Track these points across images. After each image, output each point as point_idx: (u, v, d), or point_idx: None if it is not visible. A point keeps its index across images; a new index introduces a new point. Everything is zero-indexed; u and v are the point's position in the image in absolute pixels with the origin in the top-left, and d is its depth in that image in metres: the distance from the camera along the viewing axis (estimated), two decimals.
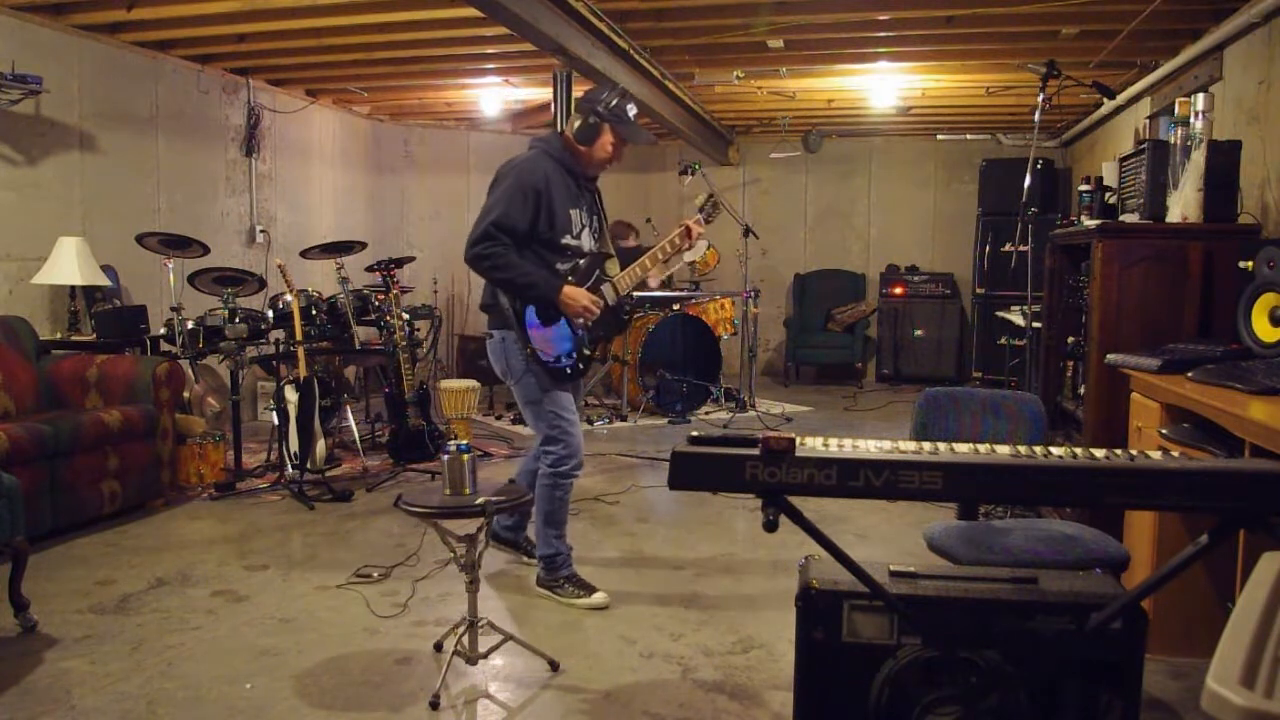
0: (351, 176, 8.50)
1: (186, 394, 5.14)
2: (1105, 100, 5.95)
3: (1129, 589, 1.92)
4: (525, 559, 3.82)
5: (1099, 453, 1.73)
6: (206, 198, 6.64)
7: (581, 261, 3.43)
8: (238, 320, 5.05)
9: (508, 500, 2.85)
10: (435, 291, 8.29)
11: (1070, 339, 4.18)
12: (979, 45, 5.86)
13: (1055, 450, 1.78)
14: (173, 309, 5.06)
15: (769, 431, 1.75)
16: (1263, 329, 2.97)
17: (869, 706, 1.90)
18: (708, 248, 8.17)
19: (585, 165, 3.43)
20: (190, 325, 5.01)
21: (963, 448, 1.80)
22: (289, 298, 5.11)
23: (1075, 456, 1.72)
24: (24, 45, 5.09)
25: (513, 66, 6.62)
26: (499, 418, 7.09)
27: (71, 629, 3.18)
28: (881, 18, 5.29)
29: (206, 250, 5.36)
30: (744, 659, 3.00)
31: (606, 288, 3.46)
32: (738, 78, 6.56)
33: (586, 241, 3.46)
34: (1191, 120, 3.58)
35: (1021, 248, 4.86)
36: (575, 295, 3.31)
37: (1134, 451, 1.75)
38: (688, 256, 8.31)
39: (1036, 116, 4.38)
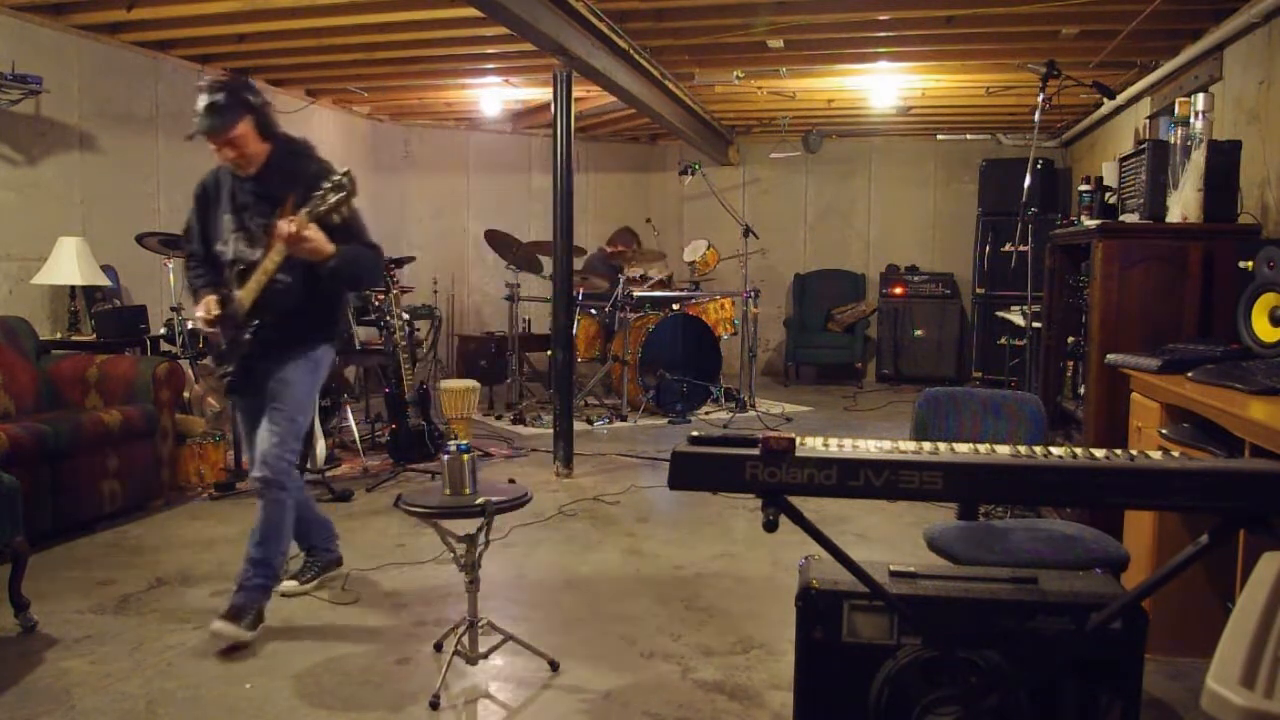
0: None
1: (186, 394, 5.14)
2: (1105, 100, 5.95)
3: (1129, 589, 1.92)
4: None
5: (1099, 453, 1.73)
6: None
7: (235, 270, 3.16)
8: None
9: (508, 500, 2.85)
10: (435, 291, 8.29)
11: (1070, 339, 4.18)
12: (979, 45, 5.86)
13: (1055, 450, 1.78)
14: (173, 309, 5.06)
15: (769, 431, 1.75)
16: (1263, 329, 2.97)
17: (869, 706, 1.90)
18: (708, 248, 8.18)
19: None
20: (190, 325, 5.01)
21: (963, 448, 1.80)
22: None
23: (1075, 456, 1.73)
24: (24, 45, 5.09)
25: (513, 66, 6.62)
26: (499, 418, 7.09)
27: (71, 629, 3.17)
28: (881, 18, 5.29)
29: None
30: (744, 659, 3.00)
31: (233, 301, 3.15)
32: (738, 78, 6.56)
33: (235, 248, 3.14)
34: (1191, 120, 3.58)
35: (1021, 248, 4.86)
36: (198, 308, 3.18)
37: (1134, 451, 1.75)
38: (686, 256, 8.34)
39: (1036, 116, 4.38)
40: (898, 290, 9.13)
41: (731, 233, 8.32)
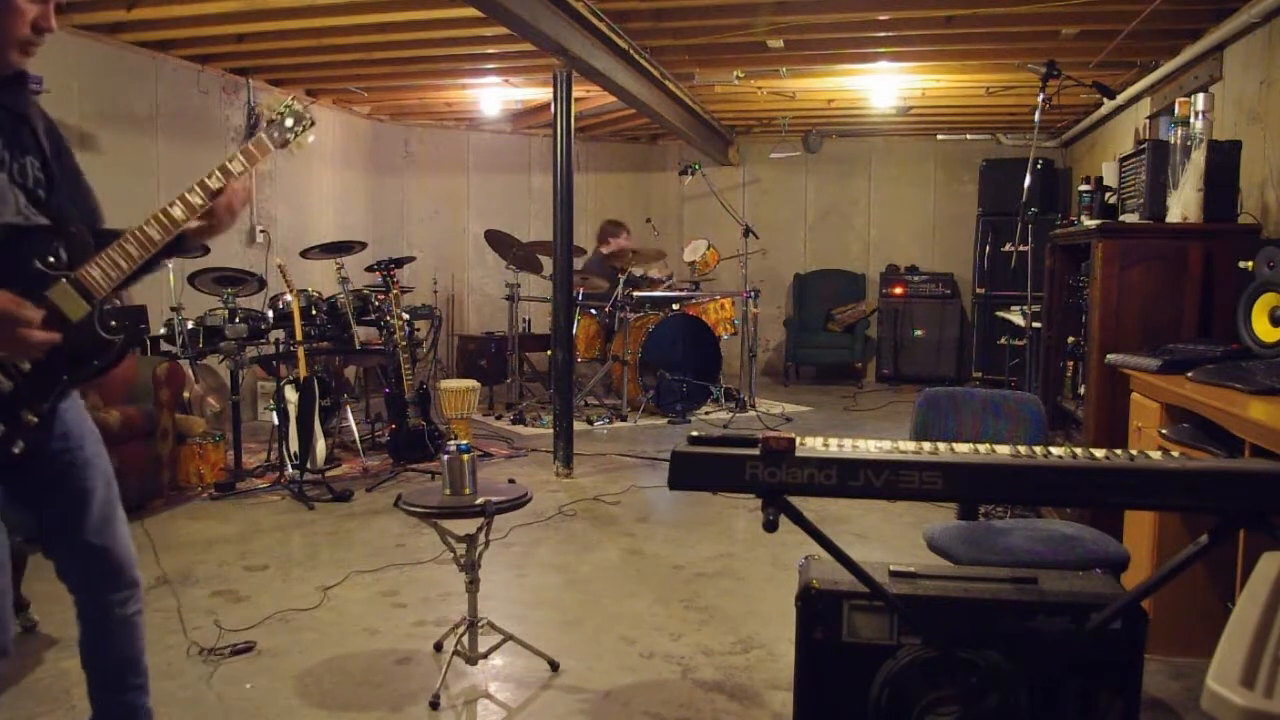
0: (351, 176, 8.50)
1: (186, 394, 5.14)
2: (1105, 100, 5.95)
3: (1129, 589, 1.92)
4: None
5: (1099, 453, 1.73)
6: None
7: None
8: (238, 320, 5.05)
9: (508, 500, 2.85)
10: (435, 291, 8.29)
11: (1070, 339, 4.18)
12: (979, 45, 5.86)
13: (1055, 450, 1.78)
14: (173, 309, 5.06)
15: (769, 431, 1.75)
16: (1263, 329, 2.97)
17: (869, 706, 1.90)
18: (708, 248, 8.18)
19: None
20: (190, 325, 5.01)
21: (963, 448, 1.80)
22: (289, 298, 5.11)
23: (1075, 456, 1.73)
24: None
25: (513, 66, 6.61)
26: (499, 418, 7.09)
27: (71, 629, 3.12)
28: (881, 18, 5.28)
29: (206, 250, 5.35)
30: (744, 659, 3.01)
31: (63, 290, 1.85)
32: (738, 78, 6.56)
33: (5, 201, 1.83)
34: (1191, 120, 3.58)
35: (1021, 248, 4.86)
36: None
37: (1134, 451, 1.75)
38: (687, 256, 8.33)
39: (1036, 116, 4.38)
40: (898, 290, 9.13)
41: (731, 233, 8.32)
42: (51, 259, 1.85)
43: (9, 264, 1.79)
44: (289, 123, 2.20)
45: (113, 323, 1.97)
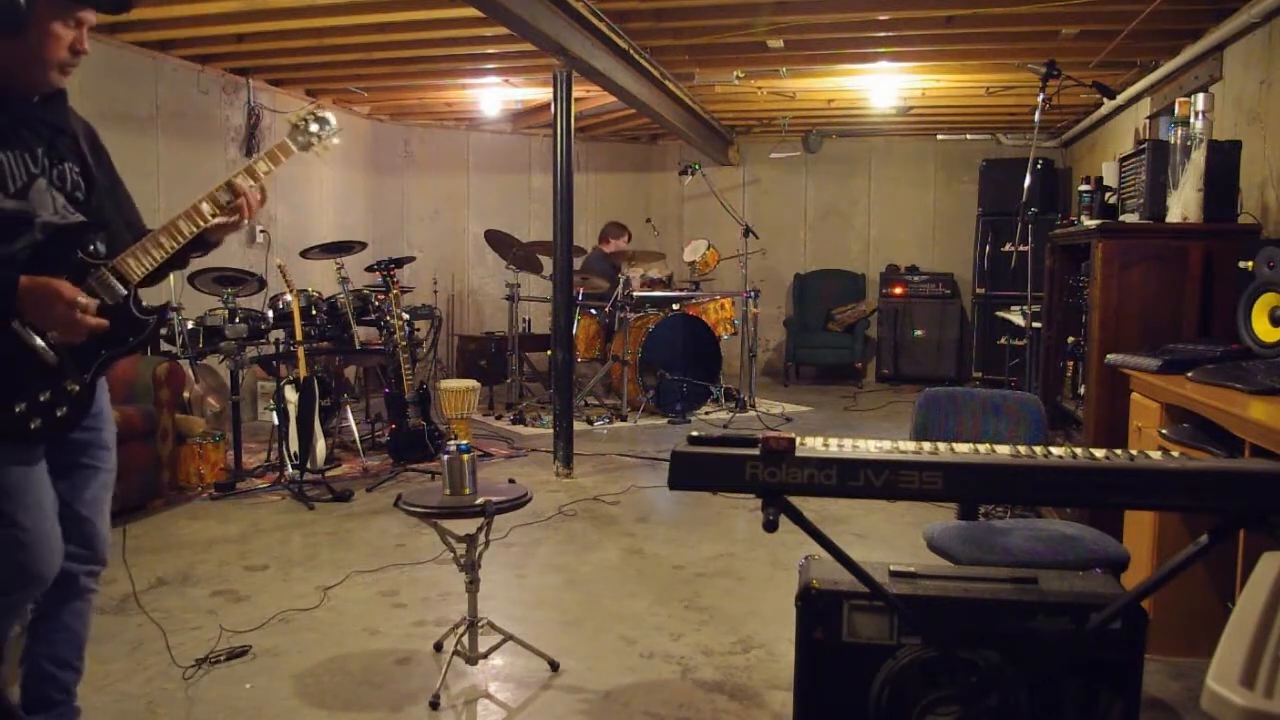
0: (351, 176, 8.50)
1: (186, 394, 5.14)
2: (1105, 100, 5.95)
3: (1129, 589, 1.92)
4: None
5: (1099, 453, 1.73)
6: None
7: (40, 237, 2.06)
8: (238, 320, 5.05)
9: (508, 500, 2.85)
10: (435, 291, 8.29)
11: (1070, 339, 4.18)
12: (979, 45, 5.86)
13: (1055, 450, 1.78)
14: (173, 309, 5.06)
15: (769, 431, 1.75)
16: (1263, 329, 2.97)
17: (869, 706, 1.90)
18: (708, 248, 8.18)
19: (17, 72, 2.12)
20: (190, 325, 5.01)
21: (963, 448, 1.80)
22: (289, 298, 5.11)
23: (1075, 456, 1.73)
24: None
25: (513, 66, 6.62)
26: (499, 418, 7.09)
27: None
28: (881, 18, 5.29)
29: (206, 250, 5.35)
30: (744, 659, 3.00)
31: (102, 278, 2.11)
32: (738, 78, 6.56)
33: (44, 203, 2.08)
34: (1191, 120, 3.58)
35: (1021, 248, 4.86)
36: (46, 288, 1.97)
37: (1134, 451, 1.75)
38: (687, 256, 8.33)
39: (1036, 116, 4.38)
40: (898, 290, 9.13)
41: (731, 233, 8.32)
42: (92, 250, 2.12)
43: (54, 256, 2.06)
44: (314, 127, 2.56)
45: (145, 304, 2.25)
